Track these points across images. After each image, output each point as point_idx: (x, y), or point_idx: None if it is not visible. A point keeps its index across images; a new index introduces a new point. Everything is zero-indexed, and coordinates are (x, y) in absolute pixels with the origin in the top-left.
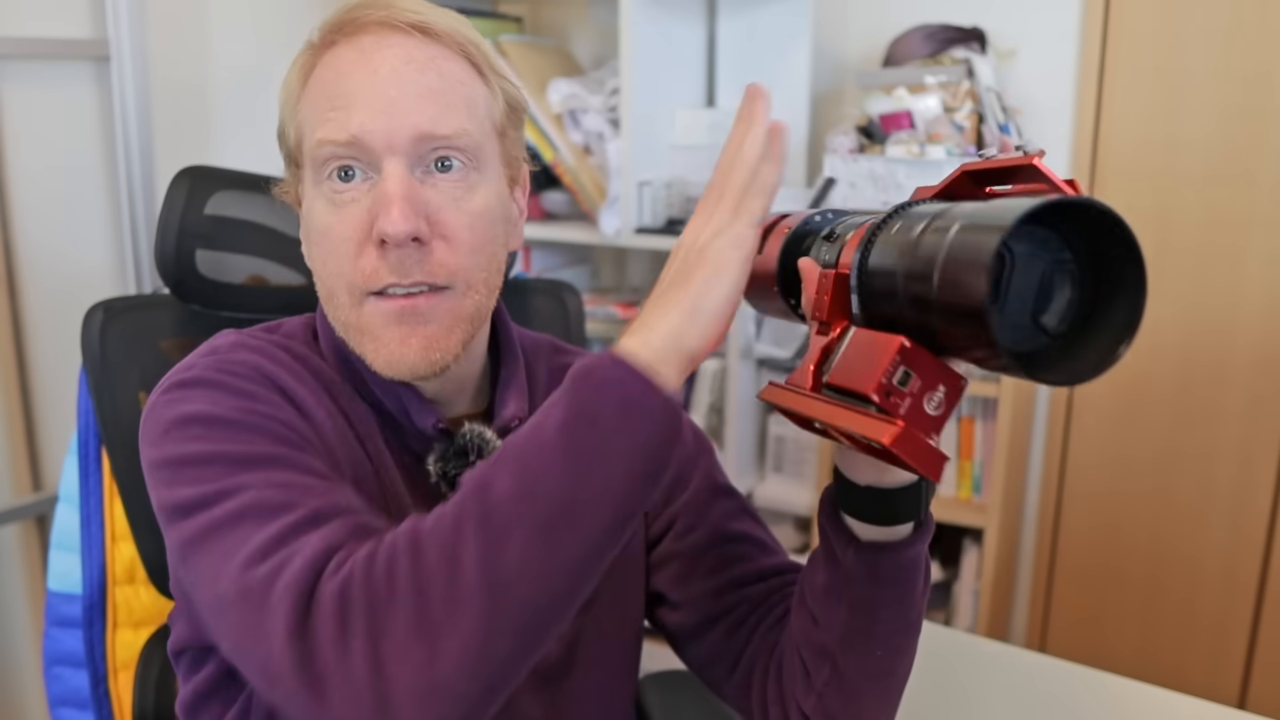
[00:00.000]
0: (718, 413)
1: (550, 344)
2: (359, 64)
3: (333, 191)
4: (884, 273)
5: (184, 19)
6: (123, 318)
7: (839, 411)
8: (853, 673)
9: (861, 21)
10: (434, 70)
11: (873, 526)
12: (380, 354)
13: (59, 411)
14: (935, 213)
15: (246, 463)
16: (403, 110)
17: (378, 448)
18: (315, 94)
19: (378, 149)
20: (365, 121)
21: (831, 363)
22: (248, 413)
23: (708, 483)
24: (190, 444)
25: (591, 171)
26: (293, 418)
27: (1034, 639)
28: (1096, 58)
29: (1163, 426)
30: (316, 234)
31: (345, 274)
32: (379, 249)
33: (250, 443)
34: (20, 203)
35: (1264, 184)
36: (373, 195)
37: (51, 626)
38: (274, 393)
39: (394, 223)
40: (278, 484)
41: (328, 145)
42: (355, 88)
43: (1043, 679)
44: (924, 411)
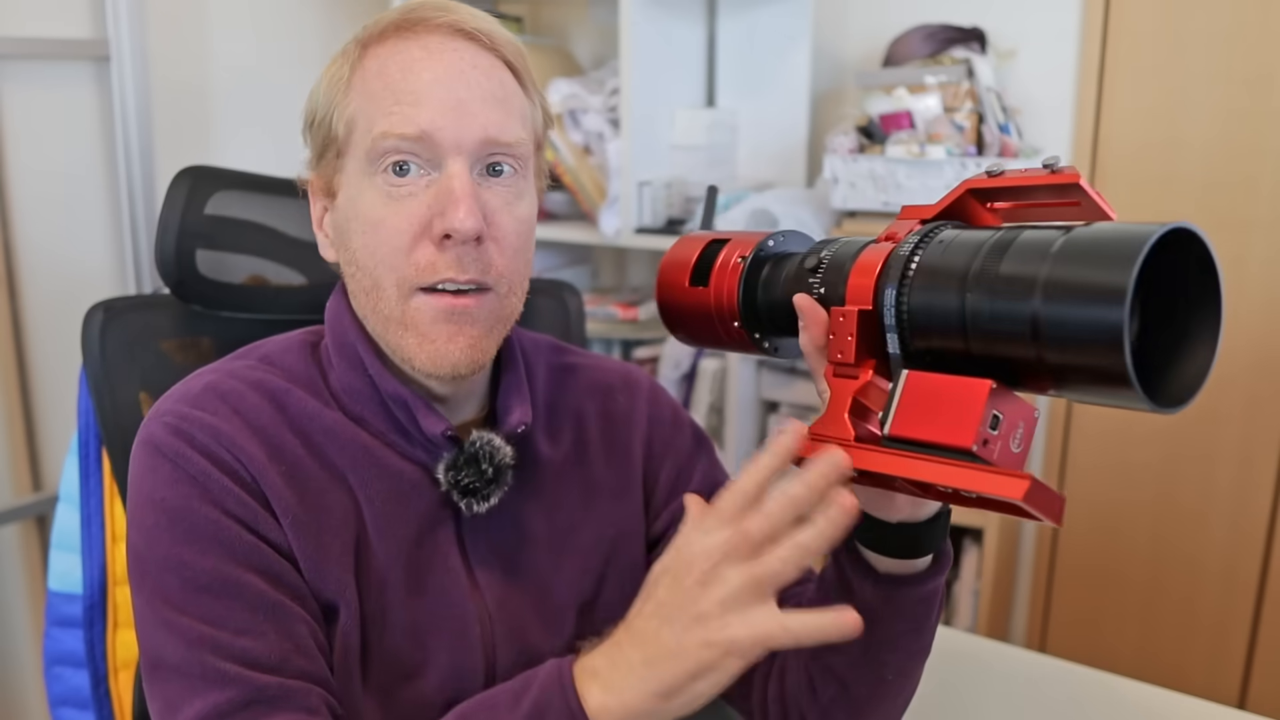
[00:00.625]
0: (718, 413)
1: (549, 344)
2: (426, 62)
3: (389, 184)
4: (943, 310)
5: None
6: (123, 318)
7: (926, 466)
8: (860, 693)
9: (861, 21)
10: (496, 78)
11: (892, 560)
12: (424, 349)
13: (59, 411)
14: (994, 242)
15: (195, 587)
16: (471, 113)
17: (364, 478)
18: (374, 86)
19: (445, 146)
20: (435, 118)
21: (889, 413)
22: (202, 506)
23: (708, 482)
24: (150, 538)
25: (591, 171)
26: (241, 507)
27: (1034, 639)
28: (1096, 58)
29: (1162, 427)
30: (366, 224)
31: (397, 267)
32: (437, 244)
33: (201, 552)
34: (20, 203)
35: (1264, 186)
36: (432, 191)
37: (52, 626)
38: (228, 471)
39: (463, 220)
40: (221, 639)
41: (392, 138)
42: (424, 85)
43: (1043, 679)
44: (1010, 452)
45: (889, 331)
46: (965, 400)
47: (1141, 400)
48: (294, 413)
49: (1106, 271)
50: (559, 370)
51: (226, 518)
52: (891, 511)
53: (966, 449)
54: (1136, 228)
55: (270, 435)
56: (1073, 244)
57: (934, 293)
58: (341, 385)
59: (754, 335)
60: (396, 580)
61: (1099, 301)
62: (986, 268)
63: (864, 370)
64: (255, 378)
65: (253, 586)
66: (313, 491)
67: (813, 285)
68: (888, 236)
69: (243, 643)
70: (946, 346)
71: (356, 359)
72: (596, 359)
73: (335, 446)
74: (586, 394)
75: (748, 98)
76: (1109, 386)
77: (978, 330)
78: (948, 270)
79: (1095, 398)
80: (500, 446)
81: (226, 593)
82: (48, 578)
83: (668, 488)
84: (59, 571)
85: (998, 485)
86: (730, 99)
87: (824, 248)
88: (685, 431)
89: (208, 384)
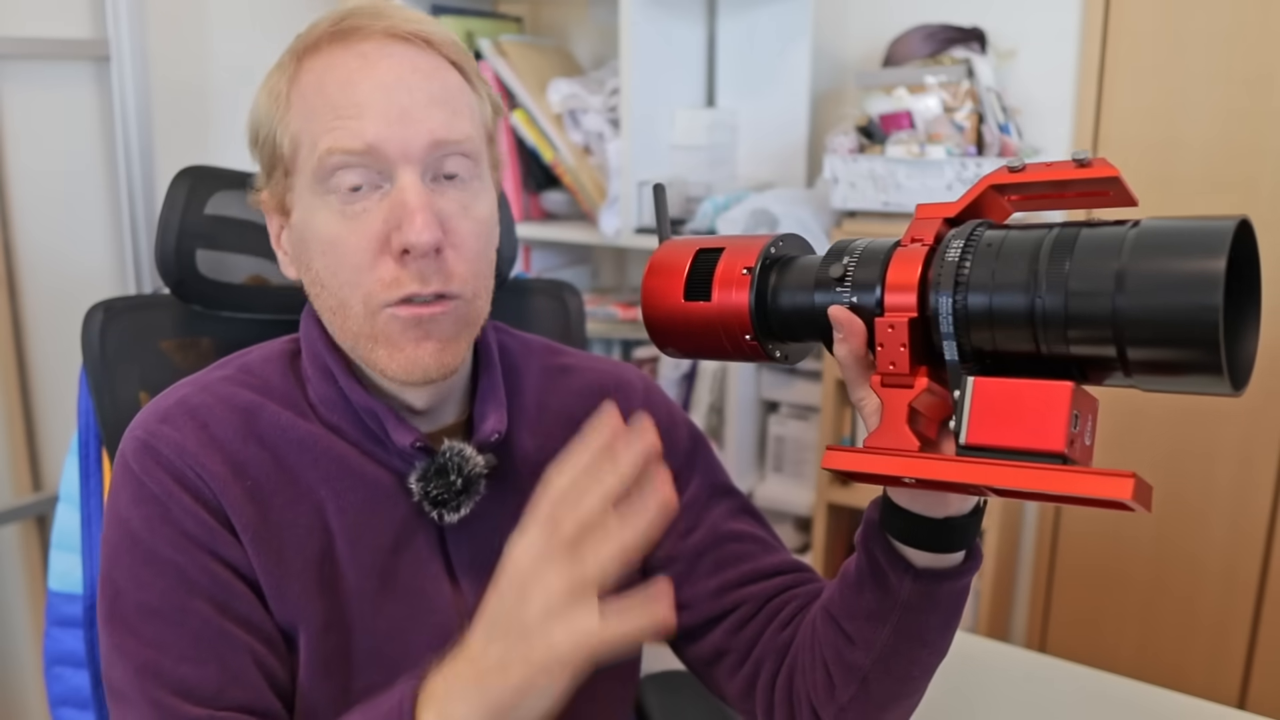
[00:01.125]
0: (718, 413)
1: (542, 345)
2: (364, 72)
3: (342, 203)
4: (1011, 314)
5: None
6: (123, 318)
7: (1018, 473)
8: (881, 691)
9: (861, 21)
10: (438, 79)
11: (929, 554)
12: (395, 359)
13: (59, 411)
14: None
15: (146, 612)
16: (415, 118)
17: (338, 489)
18: (314, 101)
19: (392, 157)
20: (379, 129)
21: (963, 421)
22: (160, 528)
23: (707, 482)
24: (113, 556)
25: (591, 171)
26: (200, 527)
27: (1034, 639)
28: (1096, 58)
29: (1162, 426)
30: (323, 244)
31: (361, 284)
32: (398, 259)
33: (156, 575)
34: (20, 203)
35: (1265, 186)
36: (386, 205)
37: (52, 626)
38: (190, 491)
39: (419, 233)
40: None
41: (338, 154)
42: (364, 96)
43: (1043, 679)
44: (1087, 447)
45: (946, 339)
46: (1048, 403)
47: (1225, 385)
48: (265, 427)
49: (1196, 261)
50: (552, 371)
51: (184, 539)
52: (940, 509)
53: (1059, 453)
54: (1206, 221)
55: (235, 451)
56: (1149, 237)
57: (997, 298)
58: (317, 396)
59: (767, 346)
60: (371, 590)
61: (1192, 291)
62: (1054, 268)
63: (918, 379)
64: (228, 392)
65: (200, 614)
66: (276, 507)
67: (841, 295)
68: (914, 238)
69: (182, 670)
70: (1014, 349)
71: (328, 371)
72: (590, 360)
73: (309, 458)
74: (579, 396)
75: (748, 98)
76: (1193, 374)
77: (1052, 331)
78: (1009, 274)
79: (1169, 385)
80: (470, 457)
81: (174, 618)
82: (48, 578)
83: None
84: (59, 571)
85: (1104, 487)
86: (730, 99)
87: (844, 254)
88: (681, 432)
89: (180, 398)
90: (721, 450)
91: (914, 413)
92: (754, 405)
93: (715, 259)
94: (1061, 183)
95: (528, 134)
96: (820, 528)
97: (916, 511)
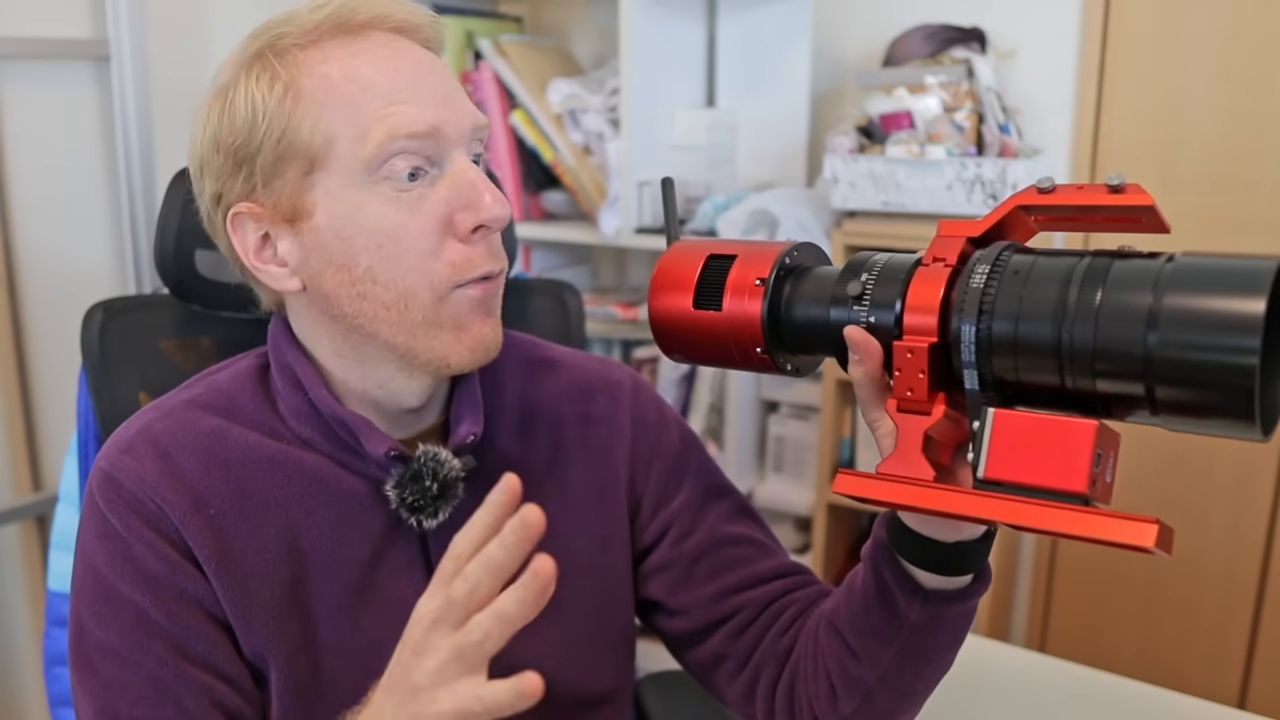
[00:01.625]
0: (718, 413)
1: (525, 341)
2: (396, 60)
3: (397, 190)
4: (1036, 345)
5: (184, 19)
6: (122, 318)
7: (1040, 513)
8: (885, 705)
9: (861, 21)
10: (446, 68)
11: (939, 576)
12: (463, 341)
13: (59, 411)
14: (1086, 270)
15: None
16: (459, 101)
17: (310, 506)
18: (348, 90)
19: (451, 138)
20: (439, 111)
21: (981, 455)
22: (120, 566)
23: (701, 484)
24: (77, 589)
25: (591, 171)
26: (160, 562)
27: (1034, 639)
28: (1096, 58)
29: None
30: (380, 236)
31: (429, 269)
32: (464, 239)
33: (114, 616)
34: (20, 203)
35: (1264, 186)
36: (439, 189)
37: (52, 626)
38: (151, 524)
39: (492, 208)
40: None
41: (400, 139)
42: (409, 82)
43: (1043, 679)
44: (1108, 484)
45: (967, 368)
46: (1071, 441)
47: (1255, 431)
48: (230, 450)
49: (1233, 301)
50: (535, 367)
51: (143, 579)
52: (952, 534)
53: (1081, 494)
54: (1244, 260)
55: (197, 481)
56: (1185, 274)
57: (1023, 328)
58: (288, 409)
59: (778, 359)
60: (348, 605)
61: (1228, 333)
62: (1085, 300)
63: (936, 406)
64: (192, 417)
65: (156, 655)
66: (241, 535)
67: (858, 313)
68: (936, 257)
69: (139, 711)
70: (1038, 381)
71: (298, 384)
72: (576, 357)
73: (279, 477)
74: (564, 396)
75: (748, 98)
76: (1222, 418)
77: (1079, 365)
78: (1037, 303)
79: (1196, 428)
80: (446, 460)
81: (132, 659)
82: (48, 578)
83: (657, 493)
84: (59, 571)
85: (1127, 533)
86: (730, 99)
87: (861, 270)
88: (671, 433)
89: (142, 426)
90: (721, 450)
91: (929, 440)
92: (754, 405)
93: (727, 266)
94: (1093, 207)
95: (528, 134)
96: (820, 528)
97: (929, 535)
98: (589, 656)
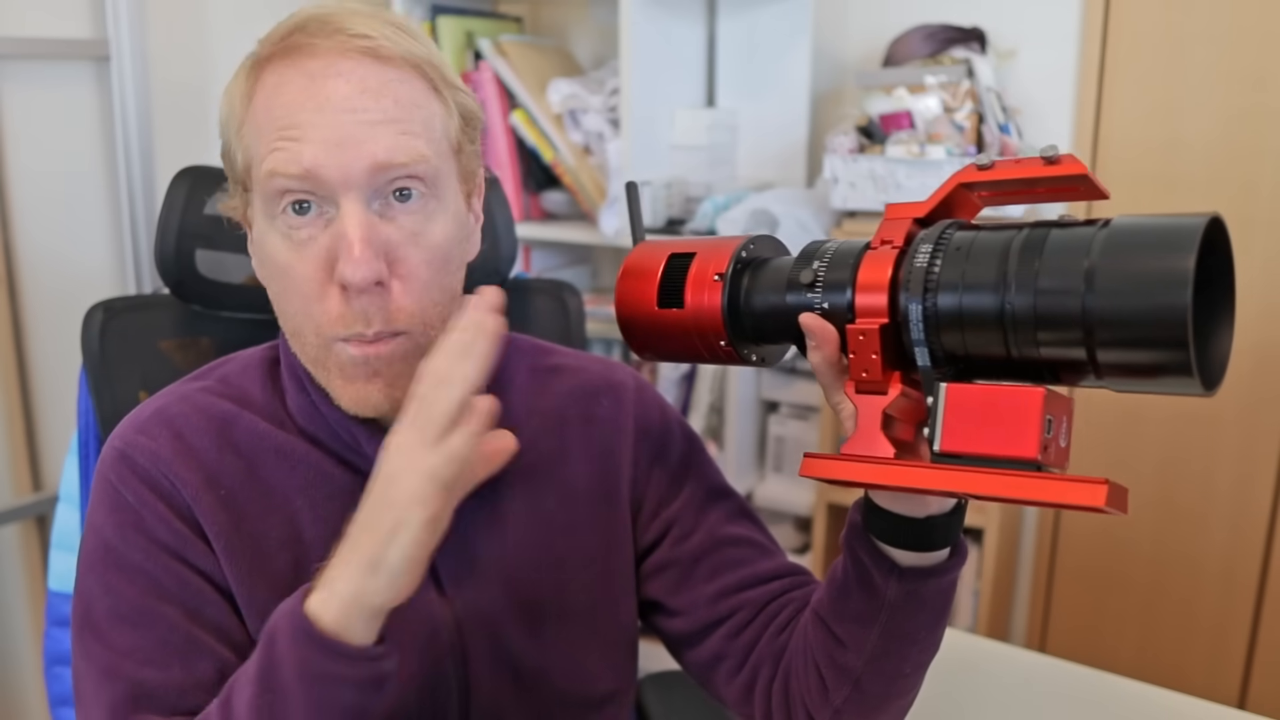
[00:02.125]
0: (718, 413)
1: (531, 346)
2: (309, 91)
3: (288, 227)
4: (980, 317)
5: (184, 19)
6: (123, 318)
7: (993, 481)
8: (875, 691)
9: (861, 21)
10: (389, 96)
11: (913, 553)
12: (346, 394)
13: (59, 411)
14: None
15: (114, 616)
16: (357, 141)
17: (315, 498)
18: (261, 119)
19: (333, 183)
20: (318, 154)
21: (936, 429)
22: (133, 536)
23: (703, 486)
24: (86, 561)
25: (591, 171)
26: (173, 535)
27: (1034, 639)
28: (1096, 58)
29: (1162, 428)
30: (276, 269)
31: (312, 315)
32: (342, 292)
33: (127, 582)
34: (20, 203)
35: (1265, 186)
36: (330, 233)
37: (52, 626)
38: (164, 498)
39: (355, 268)
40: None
41: (279, 178)
42: (306, 119)
43: (1043, 679)
44: (1060, 448)
45: (917, 345)
46: (1020, 410)
47: (1195, 385)
48: (241, 436)
49: (1165, 260)
50: (541, 373)
51: (155, 547)
52: (921, 509)
53: (1032, 460)
54: (1175, 219)
55: (210, 461)
56: (1117, 238)
57: (966, 300)
58: (294, 405)
59: (742, 351)
60: None
61: (1161, 290)
62: (1024, 269)
63: (891, 385)
64: (205, 402)
65: (167, 619)
66: (250, 517)
67: (813, 300)
68: (884, 240)
69: (144, 673)
70: (986, 353)
71: (302, 383)
72: (581, 359)
73: (285, 466)
74: (569, 398)
75: (748, 98)
76: (1163, 375)
77: (1022, 333)
78: (979, 277)
79: (1140, 387)
80: None
81: (143, 623)
82: (48, 578)
83: (658, 494)
84: (59, 571)
85: (1077, 494)
86: (730, 99)
87: (814, 258)
88: (674, 433)
89: (157, 409)
90: (721, 450)
91: (889, 418)
92: (754, 405)
93: (687, 264)
94: (1031, 179)
95: (528, 134)
96: (820, 528)
97: (898, 512)
98: (592, 657)
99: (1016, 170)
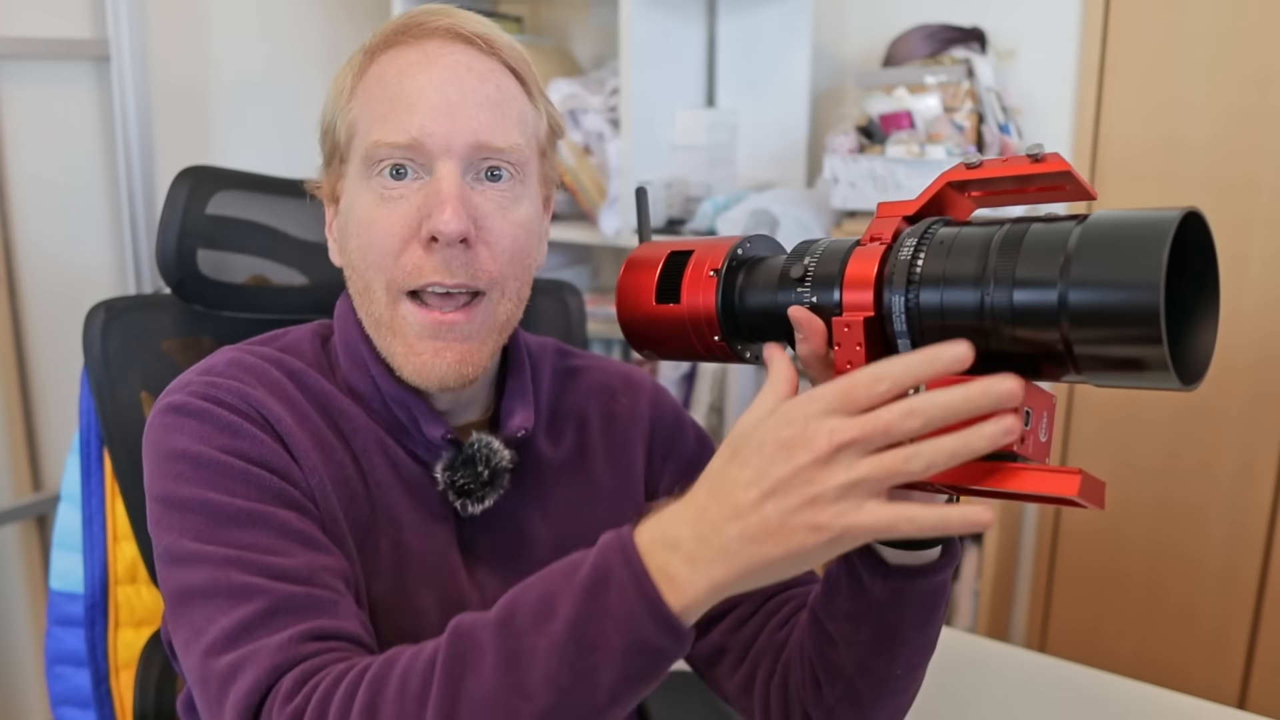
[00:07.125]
0: (718, 413)
1: (555, 348)
2: (422, 65)
3: (382, 187)
4: (960, 310)
5: (184, 19)
6: (124, 318)
7: (969, 470)
8: (868, 691)
9: (861, 21)
10: (493, 82)
11: (903, 551)
12: (410, 362)
13: (59, 411)
14: (1004, 237)
15: (223, 519)
16: (463, 116)
17: (373, 463)
18: (373, 92)
19: (435, 150)
20: (426, 124)
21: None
22: (231, 453)
23: None
24: (175, 484)
25: (591, 171)
26: (273, 454)
27: (1034, 639)
28: (1096, 58)
29: (1162, 427)
30: (359, 226)
31: (386, 269)
32: (425, 247)
33: (230, 491)
34: (20, 203)
35: (1265, 186)
36: (423, 194)
37: (54, 625)
38: (258, 426)
39: (447, 221)
40: (247, 558)
41: (384, 146)
42: (418, 90)
43: (1043, 679)
44: (1040, 442)
45: (900, 338)
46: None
47: (1171, 379)
48: (313, 390)
49: (1137, 255)
50: (563, 373)
51: (255, 465)
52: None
53: (1008, 450)
54: (1151, 213)
55: (296, 404)
56: (1093, 231)
57: (947, 294)
58: (349, 382)
59: (735, 347)
60: (394, 566)
61: (1133, 285)
62: (1002, 263)
63: None
64: (275, 357)
65: (280, 517)
66: (335, 463)
67: (802, 295)
68: (873, 237)
69: (270, 560)
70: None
71: (361, 360)
72: (599, 361)
73: (349, 428)
74: (589, 396)
75: (748, 98)
76: (1138, 369)
77: (1000, 326)
78: (959, 270)
79: (1118, 380)
80: (498, 450)
81: (254, 522)
82: (49, 577)
83: (668, 492)
84: (60, 571)
85: (1050, 484)
86: (730, 99)
87: (805, 254)
88: (688, 433)
89: (230, 359)
90: None
91: None
92: None
93: (685, 261)
94: (1020, 178)
95: None
96: None
97: None
98: None
99: (1003, 169)
